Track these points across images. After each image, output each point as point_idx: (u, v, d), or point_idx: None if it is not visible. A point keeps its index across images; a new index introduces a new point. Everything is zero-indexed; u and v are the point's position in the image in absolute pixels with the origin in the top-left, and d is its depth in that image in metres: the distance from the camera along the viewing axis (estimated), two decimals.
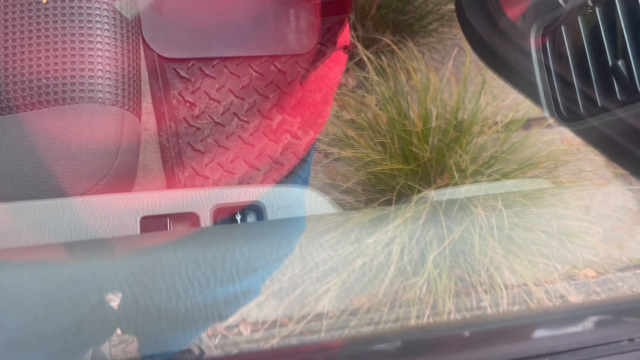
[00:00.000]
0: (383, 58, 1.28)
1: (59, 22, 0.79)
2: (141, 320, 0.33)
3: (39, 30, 0.79)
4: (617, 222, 1.41)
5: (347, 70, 1.37)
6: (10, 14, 0.80)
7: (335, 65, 1.17)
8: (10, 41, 0.79)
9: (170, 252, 0.37)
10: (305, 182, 1.10)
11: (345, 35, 1.14)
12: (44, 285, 0.35)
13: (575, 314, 0.50)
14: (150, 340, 0.38)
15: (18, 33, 0.79)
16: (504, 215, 0.84)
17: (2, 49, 0.79)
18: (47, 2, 0.81)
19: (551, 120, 0.53)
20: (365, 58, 1.28)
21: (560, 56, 0.52)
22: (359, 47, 1.30)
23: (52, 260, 0.39)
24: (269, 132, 1.11)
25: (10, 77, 0.78)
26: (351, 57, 1.31)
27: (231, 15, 1.11)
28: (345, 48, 1.14)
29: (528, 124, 1.28)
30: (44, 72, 0.78)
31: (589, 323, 0.46)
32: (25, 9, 0.80)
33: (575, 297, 1.22)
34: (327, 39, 1.16)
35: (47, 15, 0.80)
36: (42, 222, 0.49)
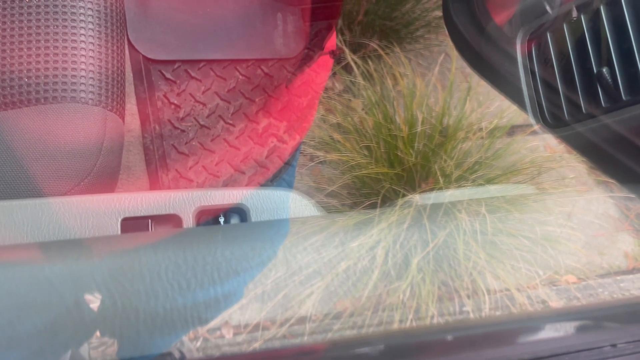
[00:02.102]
0: (370, 63, 1.28)
1: (42, 21, 0.78)
2: (120, 322, 0.33)
3: (21, 28, 0.78)
4: (599, 228, 1.43)
5: (334, 74, 1.37)
6: None
7: (322, 70, 1.17)
8: None
9: (149, 253, 0.37)
10: (289, 186, 1.10)
11: (332, 40, 1.15)
12: (19, 286, 0.34)
13: (558, 319, 0.50)
14: (130, 342, 0.38)
15: (0, 31, 0.78)
16: (487, 220, 0.85)
17: None
18: (29, 0, 0.79)
19: (536, 127, 0.53)
20: (352, 62, 1.29)
21: (545, 62, 0.52)
22: (346, 51, 1.30)
23: (27, 261, 0.38)
24: (255, 135, 1.10)
25: None
26: (338, 61, 1.32)
27: (218, 18, 1.11)
28: (332, 53, 1.15)
29: (512, 130, 1.29)
30: (25, 71, 0.76)
31: (571, 328, 0.46)
32: (8, 7, 0.79)
33: (557, 303, 1.23)
34: (314, 44, 1.16)
35: (29, 14, 0.79)
36: (20, 222, 0.48)
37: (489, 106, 1.23)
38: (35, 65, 0.77)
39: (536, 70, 0.53)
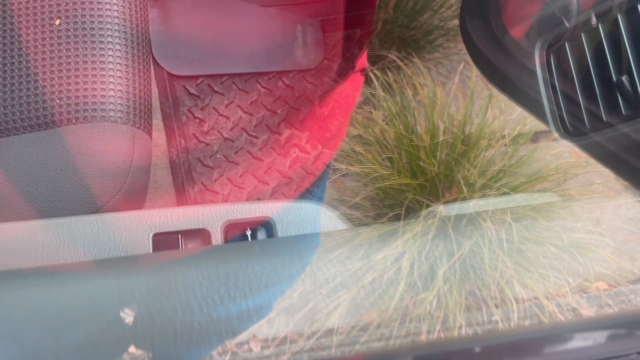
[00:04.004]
0: (389, 74, 1.29)
1: (72, 44, 0.81)
2: (158, 337, 0.34)
3: (52, 51, 0.81)
4: (628, 234, 1.40)
5: None
6: (24, 36, 0.82)
7: (343, 81, 1.18)
8: (24, 62, 0.81)
9: (184, 270, 0.38)
10: (317, 199, 1.11)
11: (364, 59, 1.16)
12: (64, 302, 0.35)
13: (588, 327, 0.49)
14: (163, 357, 0.39)
15: (32, 55, 0.81)
16: (513, 228, 0.84)
17: (17, 70, 0.80)
18: (59, 24, 0.82)
19: (556, 135, 0.53)
20: (371, 74, 1.29)
21: (564, 73, 0.52)
22: (365, 63, 1.31)
23: (71, 278, 0.40)
24: (277, 146, 1.12)
25: (25, 97, 0.79)
26: None
27: (239, 33, 1.13)
28: (363, 71, 1.16)
29: (536, 137, 1.28)
30: (57, 92, 0.79)
31: (601, 337, 0.45)
32: (39, 31, 0.82)
33: (588, 310, 1.21)
34: (333, 54, 1.17)
35: (59, 37, 0.81)
36: (57, 240, 0.50)
37: (511, 113, 1.22)
38: (66, 87, 0.80)
39: (555, 81, 0.53)
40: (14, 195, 0.73)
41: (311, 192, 1.10)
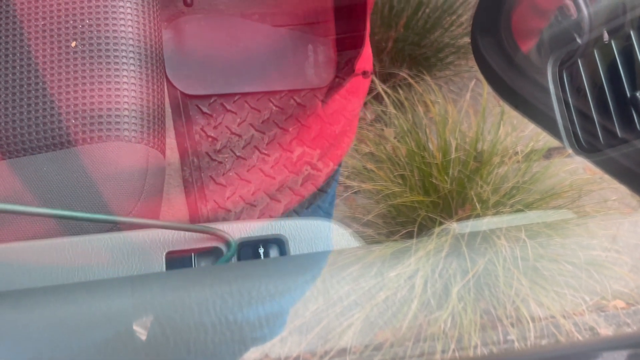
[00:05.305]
0: (400, 92, 1.29)
1: (87, 65, 0.82)
2: (170, 356, 0.34)
3: (67, 72, 0.82)
4: None
5: (365, 104, 1.38)
6: (40, 57, 0.84)
7: (353, 97, 1.19)
8: (41, 83, 0.82)
9: (197, 289, 0.38)
10: (328, 214, 1.10)
11: (364, 62, 1.15)
12: (77, 321, 0.36)
13: (606, 346, 0.49)
14: None
15: (48, 76, 0.82)
16: (528, 246, 0.83)
17: (33, 91, 0.82)
18: (75, 46, 0.84)
19: (570, 151, 0.53)
20: (382, 92, 1.30)
21: (578, 90, 0.52)
22: (376, 81, 1.32)
23: (85, 297, 0.40)
24: (289, 164, 1.12)
25: (41, 117, 0.81)
26: (369, 91, 1.33)
27: (251, 52, 1.14)
28: (364, 74, 1.16)
29: (549, 153, 1.27)
30: (72, 113, 0.80)
31: (620, 357, 0.45)
32: (55, 53, 0.83)
33: (606, 329, 1.18)
34: (345, 72, 1.18)
35: (75, 59, 0.83)
36: (71, 258, 0.50)
37: (523, 129, 1.22)
38: (81, 107, 0.81)
39: (569, 97, 0.53)
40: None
41: (321, 207, 1.10)
